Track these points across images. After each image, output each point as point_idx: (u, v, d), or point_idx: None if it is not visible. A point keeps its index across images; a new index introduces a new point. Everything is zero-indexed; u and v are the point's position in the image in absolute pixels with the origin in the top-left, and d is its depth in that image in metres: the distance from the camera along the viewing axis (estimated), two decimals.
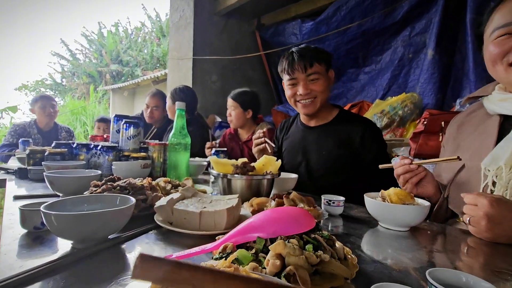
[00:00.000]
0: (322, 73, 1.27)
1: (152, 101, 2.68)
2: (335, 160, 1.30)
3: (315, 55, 1.25)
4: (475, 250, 0.64)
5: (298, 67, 1.25)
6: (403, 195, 0.78)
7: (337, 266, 0.43)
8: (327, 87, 1.29)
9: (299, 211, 0.52)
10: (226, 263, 0.28)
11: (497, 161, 0.75)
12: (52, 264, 0.47)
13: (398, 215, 0.74)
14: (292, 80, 1.29)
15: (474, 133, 0.89)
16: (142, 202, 0.74)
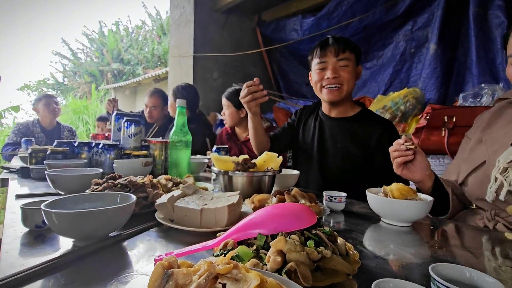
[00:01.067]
0: (352, 61, 1.26)
1: (150, 101, 2.68)
2: (349, 156, 1.28)
3: (348, 43, 1.27)
4: (477, 244, 0.63)
5: (331, 50, 1.25)
6: (405, 191, 0.77)
7: (338, 262, 0.42)
8: (354, 78, 1.28)
9: (300, 207, 0.52)
10: (225, 259, 0.27)
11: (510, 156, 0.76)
12: (53, 262, 0.47)
13: (400, 211, 0.73)
14: (322, 63, 1.28)
15: (501, 129, 0.89)
16: (143, 199, 0.74)
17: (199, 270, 0.25)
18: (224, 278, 0.24)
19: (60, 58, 14.03)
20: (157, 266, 0.26)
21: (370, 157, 1.26)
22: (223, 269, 0.24)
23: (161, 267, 0.26)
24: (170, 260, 0.27)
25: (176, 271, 0.25)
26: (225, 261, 0.27)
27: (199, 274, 0.24)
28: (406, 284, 0.34)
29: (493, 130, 0.91)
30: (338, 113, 1.36)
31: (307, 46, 3.13)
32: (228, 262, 0.25)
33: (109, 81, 12.46)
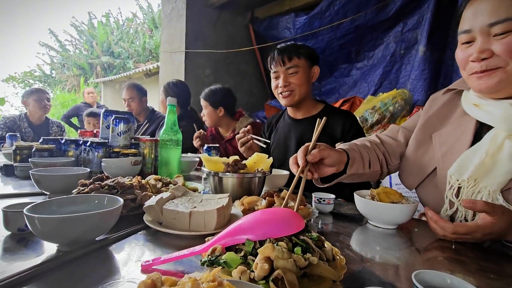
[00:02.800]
0: (301, 66, 1.34)
1: (126, 93, 2.66)
2: None
3: (295, 50, 1.34)
4: (460, 248, 0.65)
5: (278, 61, 1.35)
6: (392, 194, 0.78)
7: (325, 269, 0.43)
8: (306, 81, 1.36)
9: (288, 213, 0.52)
10: (210, 276, 0.27)
11: (462, 172, 0.74)
12: (36, 268, 0.46)
13: (386, 214, 0.75)
14: (274, 73, 1.40)
15: (450, 125, 0.84)
16: (131, 201, 0.73)
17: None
18: None
19: (48, 49, 13.63)
20: (140, 285, 0.26)
21: None
22: (207, 287, 0.24)
23: (144, 286, 0.26)
24: (154, 277, 0.27)
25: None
26: (209, 278, 0.27)
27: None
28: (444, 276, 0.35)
29: (443, 128, 0.86)
30: (302, 114, 1.45)
31: None
32: (212, 280, 0.25)
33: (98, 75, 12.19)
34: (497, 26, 0.66)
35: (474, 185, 0.72)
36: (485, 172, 0.71)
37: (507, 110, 0.69)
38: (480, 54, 0.69)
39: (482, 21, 0.68)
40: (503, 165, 0.69)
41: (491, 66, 0.69)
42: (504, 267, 0.57)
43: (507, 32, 0.65)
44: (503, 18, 0.65)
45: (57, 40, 13.50)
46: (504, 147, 0.70)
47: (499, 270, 0.55)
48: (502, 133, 0.70)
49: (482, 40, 0.69)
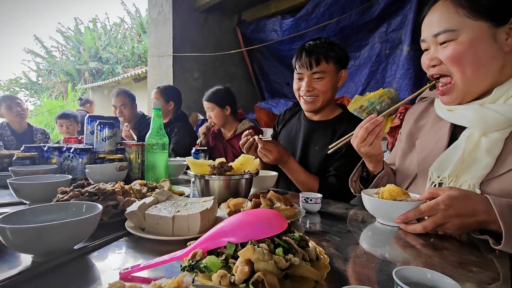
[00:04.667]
0: (328, 72, 1.25)
1: (118, 100, 2.61)
2: (325, 157, 1.29)
3: (325, 53, 1.23)
4: (444, 243, 0.66)
5: (304, 64, 1.24)
6: (395, 192, 0.77)
7: (307, 269, 0.42)
8: (332, 87, 1.28)
9: (270, 213, 0.52)
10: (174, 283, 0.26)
11: (442, 169, 0.78)
12: (10, 280, 0.44)
13: (391, 211, 0.74)
14: (298, 74, 1.30)
15: (429, 132, 0.91)
16: (113, 207, 0.71)
17: None
18: None
19: (33, 56, 13.36)
20: None
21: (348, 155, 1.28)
22: None
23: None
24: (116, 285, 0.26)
25: None
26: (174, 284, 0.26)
27: None
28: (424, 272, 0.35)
29: (423, 134, 0.93)
30: (320, 117, 1.38)
31: (287, 47, 3.15)
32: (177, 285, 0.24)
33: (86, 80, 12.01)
34: (440, 36, 0.75)
35: (456, 180, 0.76)
36: (465, 167, 0.75)
37: (478, 111, 0.75)
38: (430, 61, 0.79)
39: (431, 32, 0.77)
40: (482, 160, 0.73)
41: (442, 72, 0.78)
42: (486, 260, 0.57)
43: (447, 41, 0.74)
44: (443, 29, 0.74)
45: (43, 47, 13.26)
46: (481, 144, 0.75)
47: (481, 263, 0.55)
48: (477, 132, 0.76)
49: (433, 48, 0.78)
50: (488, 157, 0.72)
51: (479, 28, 0.70)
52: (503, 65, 0.73)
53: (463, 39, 0.72)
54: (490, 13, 0.69)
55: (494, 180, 0.71)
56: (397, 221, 0.72)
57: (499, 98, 0.74)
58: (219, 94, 2.12)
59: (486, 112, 0.74)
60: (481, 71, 0.73)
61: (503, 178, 0.70)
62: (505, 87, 0.73)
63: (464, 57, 0.72)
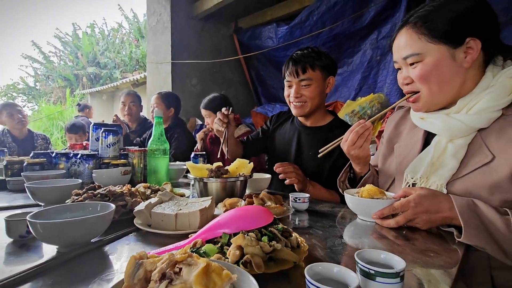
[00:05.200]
0: (315, 79, 1.33)
1: (128, 98, 2.73)
2: (322, 162, 1.39)
3: (310, 61, 1.31)
4: (414, 234, 0.75)
5: (292, 72, 1.34)
6: (373, 191, 0.87)
7: (286, 253, 0.52)
8: (319, 94, 1.36)
9: (259, 209, 0.61)
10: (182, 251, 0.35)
11: (416, 171, 0.88)
12: (40, 266, 0.53)
13: (370, 208, 0.83)
14: (287, 82, 1.40)
15: (406, 137, 1.02)
16: (122, 207, 0.80)
17: (162, 259, 0.33)
18: (180, 264, 0.32)
19: (31, 61, 13.43)
20: (131, 258, 0.34)
21: (337, 161, 1.38)
22: (180, 257, 0.32)
23: (133, 258, 0.34)
24: (141, 253, 0.35)
25: (145, 260, 0.33)
26: (182, 251, 0.35)
27: (162, 261, 0.32)
28: (331, 266, 0.44)
29: (401, 139, 1.04)
30: (312, 122, 1.47)
31: (283, 53, 3.26)
32: (184, 252, 0.33)
33: (85, 86, 12.08)
34: (409, 59, 0.84)
35: (426, 181, 0.87)
36: (434, 170, 0.86)
37: (444, 120, 0.85)
38: (404, 80, 0.89)
39: (399, 55, 0.87)
40: (448, 163, 0.83)
41: (414, 89, 0.87)
42: (444, 248, 0.67)
43: (415, 63, 0.84)
44: (410, 53, 0.84)
45: (40, 52, 13.34)
46: (447, 149, 0.85)
47: (439, 250, 0.65)
48: (444, 138, 0.86)
49: (404, 68, 0.88)
50: (454, 160, 0.82)
51: (440, 50, 0.80)
52: (464, 80, 0.83)
53: (427, 61, 0.82)
54: (447, 37, 0.79)
55: (458, 180, 0.82)
56: (374, 216, 0.82)
57: (462, 108, 0.84)
58: (215, 101, 2.22)
59: (451, 121, 0.84)
60: (446, 87, 0.83)
61: (466, 179, 0.80)
62: (467, 99, 0.84)
63: (431, 76, 0.82)
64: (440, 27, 0.79)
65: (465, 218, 0.69)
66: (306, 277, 0.41)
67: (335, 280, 0.43)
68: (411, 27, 0.84)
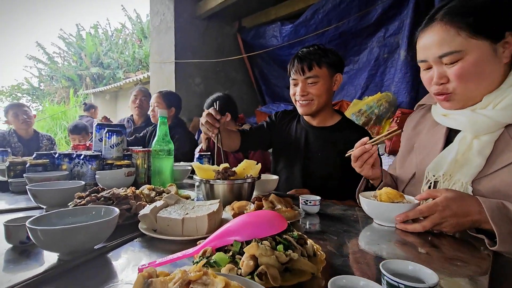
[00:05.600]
0: (322, 76, 1.29)
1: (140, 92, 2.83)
2: (329, 164, 1.35)
3: (317, 58, 1.27)
4: (437, 240, 0.71)
5: (297, 70, 1.30)
6: (392, 194, 0.82)
7: (304, 263, 0.48)
8: (326, 91, 1.31)
9: (272, 215, 0.57)
10: (197, 268, 0.32)
11: (438, 169, 0.84)
12: (40, 276, 0.49)
13: (387, 212, 0.79)
14: (293, 80, 1.35)
15: (426, 136, 0.98)
16: (126, 211, 0.77)
17: (174, 278, 0.29)
18: (195, 284, 0.28)
19: (35, 62, 13.51)
20: (138, 276, 0.30)
21: (349, 164, 1.33)
22: (194, 276, 0.29)
23: (142, 277, 0.30)
24: (150, 271, 0.32)
25: (154, 280, 0.30)
26: (196, 269, 0.31)
27: (174, 281, 0.29)
28: (357, 280, 0.40)
29: (420, 138, 0.99)
30: (318, 122, 1.43)
31: (287, 52, 3.22)
32: (199, 270, 0.30)
33: (88, 86, 12.12)
34: (446, 58, 0.78)
35: (450, 179, 0.83)
36: (458, 167, 0.82)
37: (470, 116, 0.81)
38: (439, 79, 0.82)
39: (433, 54, 0.80)
40: (473, 161, 0.79)
41: (447, 90, 0.82)
42: (472, 256, 0.62)
43: (454, 62, 0.78)
44: (448, 51, 0.77)
45: (45, 53, 13.41)
46: (473, 146, 0.81)
47: (466, 258, 0.61)
48: (469, 135, 0.82)
49: (437, 67, 0.82)
50: (479, 157, 0.78)
51: (483, 46, 0.75)
52: (500, 75, 0.79)
53: (469, 59, 0.76)
54: (489, 32, 0.74)
55: (484, 178, 0.78)
56: (398, 219, 0.77)
57: (488, 104, 0.80)
58: (219, 101, 2.17)
59: (477, 117, 0.80)
60: (484, 83, 0.79)
61: (493, 177, 0.77)
62: (493, 95, 0.79)
63: (472, 74, 0.77)
64: (483, 21, 0.74)
65: (497, 222, 0.65)
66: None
67: None
68: (446, 22, 0.77)
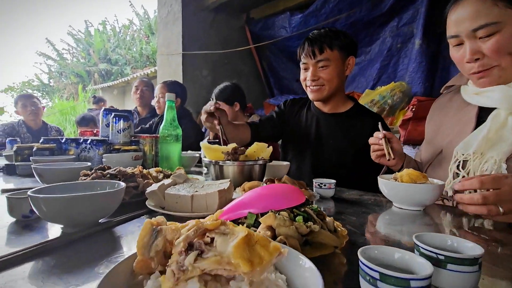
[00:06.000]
0: (333, 59, 1.23)
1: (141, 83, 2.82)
2: (341, 151, 1.29)
3: (328, 41, 1.22)
4: (470, 222, 0.66)
5: (308, 53, 1.24)
6: (415, 175, 0.76)
7: (326, 236, 0.44)
8: (338, 75, 1.26)
9: (288, 187, 0.53)
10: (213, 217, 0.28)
11: (467, 148, 0.79)
12: (43, 245, 0.46)
13: (411, 194, 0.73)
14: (303, 64, 1.29)
15: (454, 118, 0.93)
16: (133, 189, 0.74)
17: (187, 226, 0.25)
18: (212, 233, 0.24)
19: (45, 58, 13.68)
20: (146, 223, 0.26)
21: (361, 151, 1.28)
22: (211, 224, 0.25)
23: (150, 224, 0.26)
24: (159, 220, 0.28)
25: (164, 227, 0.26)
26: (214, 218, 0.27)
27: (187, 228, 0.25)
28: (390, 250, 0.35)
29: (447, 120, 0.95)
30: (330, 109, 1.37)
31: (296, 43, 3.15)
32: (215, 219, 0.26)
33: (96, 82, 12.22)
34: (480, 30, 0.73)
35: (481, 157, 0.77)
36: (491, 145, 0.77)
37: (504, 91, 0.77)
38: (472, 55, 0.76)
39: (466, 27, 0.75)
40: (508, 137, 0.75)
41: (486, 65, 0.76)
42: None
43: (489, 35, 0.73)
44: (483, 23, 0.72)
45: (54, 49, 13.57)
46: (508, 122, 0.76)
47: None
48: (503, 112, 0.77)
49: (470, 43, 0.76)
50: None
51: None
52: None
53: (506, 31, 0.71)
54: None
55: None
56: (457, 187, 0.66)
57: None
58: (226, 91, 2.13)
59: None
60: None
61: None
62: None
63: (509, 47, 0.72)
64: None
65: None
66: (361, 261, 0.32)
67: (395, 267, 0.35)
68: None
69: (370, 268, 0.31)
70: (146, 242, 0.25)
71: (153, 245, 0.25)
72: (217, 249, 0.22)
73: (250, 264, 0.21)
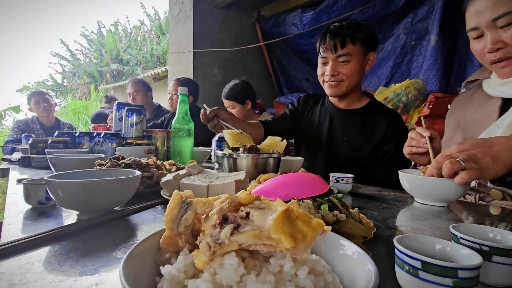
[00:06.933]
0: (355, 54, 1.18)
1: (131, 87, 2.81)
2: (355, 148, 1.26)
3: (351, 34, 1.16)
4: (502, 222, 0.62)
5: (329, 47, 1.18)
6: None
7: (354, 225, 0.41)
8: (358, 71, 1.21)
9: (311, 176, 0.51)
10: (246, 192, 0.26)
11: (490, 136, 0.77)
12: (59, 230, 0.45)
13: (436, 189, 0.70)
14: (322, 58, 1.24)
15: (475, 113, 0.90)
16: (148, 179, 0.72)
17: (220, 199, 0.23)
18: (247, 207, 0.22)
19: (59, 59, 14.02)
20: (175, 194, 0.25)
21: (376, 148, 1.24)
22: (245, 198, 0.23)
23: (179, 195, 0.24)
24: (187, 193, 0.26)
25: (195, 200, 0.24)
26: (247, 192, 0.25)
27: (220, 201, 0.23)
28: (429, 240, 0.33)
29: (468, 115, 0.92)
30: (346, 105, 1.33)
31: (307, 41, 3.12)
32: (249, 194, 0.24)
33: (108, 82, 12.43)
34: (500, 19, 0.73)
35: None
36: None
37: None
38: (493, 45, 0.76)
39: (486, 18, 0.76)
40: None
41: (508, 53, 0.76)
42: None
43: (510, 24, 0.73)
44: (503, 12, 0.72)
45: (68, 50, 13.89)
46: None
47: None
48: None
49: (490, 33, 0.77)
50: None
51: None
52: None
53: None
54: None
55: None
56: None
57: None
58: (236, 89, 2.10)
59: None
60: None
61: None
62: None
63: None
64: None
65: None
66: (399, 249, 0.30)
67: (435, 259, 0.32)
68: None
69: (410, 257, 0.29)
70: (175, 214, 0.23)
71: (183, 219, 0.23)
72: (255, 223, 0.20)
73: (293, 239, 0.18)
